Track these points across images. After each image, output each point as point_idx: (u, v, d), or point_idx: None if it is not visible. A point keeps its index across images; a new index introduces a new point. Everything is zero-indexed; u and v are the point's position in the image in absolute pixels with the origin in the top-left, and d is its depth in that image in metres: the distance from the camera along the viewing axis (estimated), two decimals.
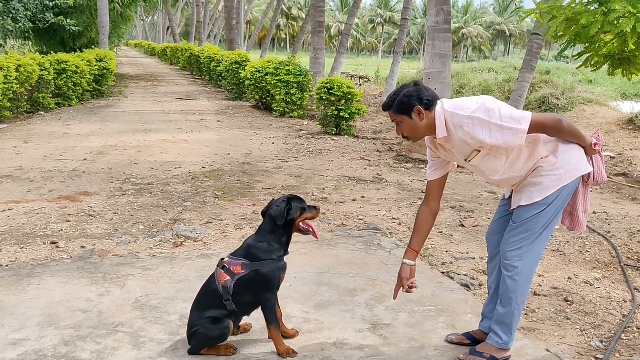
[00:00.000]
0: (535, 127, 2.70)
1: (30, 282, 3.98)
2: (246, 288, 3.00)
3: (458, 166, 3.26)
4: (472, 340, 3.30)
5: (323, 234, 5.24)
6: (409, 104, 2.84)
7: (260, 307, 3.08)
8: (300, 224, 3.11)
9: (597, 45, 8.54)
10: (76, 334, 3.29)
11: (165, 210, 5.92)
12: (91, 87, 15.84)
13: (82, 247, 4.77)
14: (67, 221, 5.46)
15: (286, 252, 3.12)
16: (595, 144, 2.85)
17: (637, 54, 8.42)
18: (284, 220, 3.02)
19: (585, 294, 4.11)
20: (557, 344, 3.38)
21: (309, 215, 3.13)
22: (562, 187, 2.82)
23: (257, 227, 3.18)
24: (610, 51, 8.53)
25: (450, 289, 4.09)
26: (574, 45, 9.16)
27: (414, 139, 2.98)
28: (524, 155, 2.85)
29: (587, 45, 8.74)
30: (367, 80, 27.99)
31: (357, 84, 24.16)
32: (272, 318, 3.05)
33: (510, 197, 3.10)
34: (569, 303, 3.94)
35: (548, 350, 3.27)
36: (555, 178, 2.82)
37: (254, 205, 6.20)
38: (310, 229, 3.13)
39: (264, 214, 3.16)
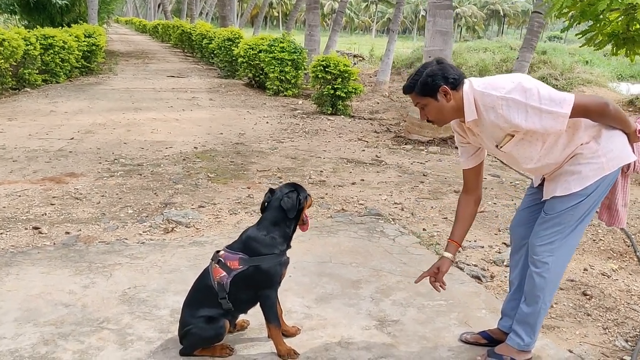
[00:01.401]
0: (578, 111, 2.39)
1: (8, 271, 3.68)
2: (244, 285, 2.72)
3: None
4: (489, 339, 3.05)
5: (322, 219, 4.96)
6: (434, 84, 2.53)
7: (256, 305, 2.81)
8: (303, 215, 2.86)
9: (602, 23, 8.28)
10: (57, 332, 3.00)
11: (155, 193, 5.61)
12: (79, 63, 15.35)
13: (67, 232, 4.47)
14: (51, 204, 5.14)
15: (289, 246, 2.83)
16: None
17: None
18: (296, 212, 2.75)
19: (603, 286, 3.87)
20: (579, 344, 3.14)
21: (309, 204, 2.90)
22: (603, 177, 2.54)
23: (259, 218, 2.88)
24: (614, 30, 8.26)
25: (460, 280, 3.83)
26: (579, 23, 8.91)
27: (440, 122, 2.68)
28: (562, 140, 2.55)
29: (591, 23, 8.49)
30: (361, 59, 27.56)
31: (352, 62, 23.76)
32: (273, 316, 2.78)
33: (540, 185, 2.82)
34: (587, 297, 3.70)
35: (571, 351, 3.03)
36: (596, 167, 2.53)
37: (249, 188, 5.91)
38: (307, 220, 2.90)
39: (262, 209, 2.87)
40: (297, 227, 2.87)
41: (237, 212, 5.10)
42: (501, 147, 2.59)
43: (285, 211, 2.74)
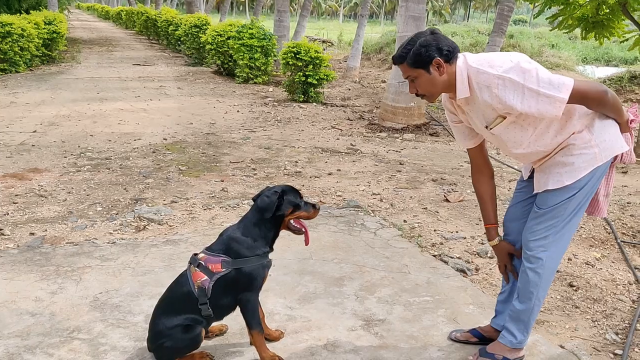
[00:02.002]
0: (575, 97, 2.28)
1: None
2: (226, 289, 2.56)
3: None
4: (480, 337, 2.95)
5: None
6: (427, 55, 2.38)
7: (234, 311, 2.65)
8: (292, 221, 2.66)
9: (571, 7, 8.30)
10: (23, 344, 2.80)
11: (125, 189, 5.38)
12: (40, 52, 14.80)
13: (31, 233, 4.22)
14: (14, 203, 4.88)
15: (271, 249, 2.68)
16: (632, 121, 2.47)
17: (611, 17, 8.20)
18: (271, 214, 2.57)
19: (588, 277, 3.81)
20: (570, 338, 3.07)
21: (303, 213, 2.66)
22: (596, 167, 2.44)
23: (241, 217, 2.72)
24: (584, 14, 8.29)
25: (445, 274, 3.73)
26: (550, 7, 8.91)
27: (431, 97, 2.53)
28: (554, 127, 2.43)
29: (561, 7, 8.51)
30: (330, 44, 27.29)
31: (322, 48, 23.50)
32: (254, 322, 2.62)
33: (530, 178, 2.72)
34: (574, 288, 3.63)
35: (562, 347, 2.95)
36: (588, 157, 2.43)
37: (223, 181, 5.71)
38: (303, 229, 2.69)
39: (254, 199, 2.70)
40: (286, 230, 2.70)
41: (211, 207, 4.91)
42: (491, 128, 2.48)
43: (263, 210, 2.58)
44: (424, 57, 2.39)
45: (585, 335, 3.11)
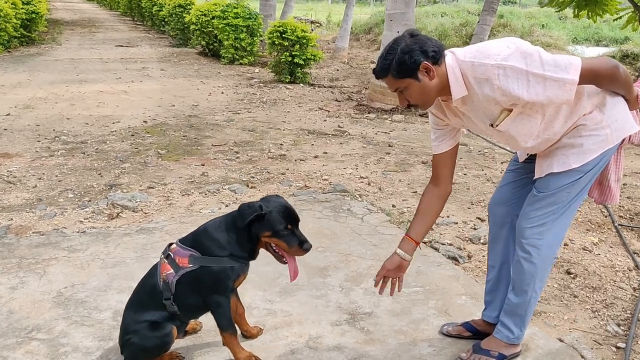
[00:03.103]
0: (586, 77, 2.02)
1: None
2: (191, 287, 2.32)
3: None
4: (473, 331, 2.74)
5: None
6: (412, 61, 2.09)
7: (207, 311, 2.42)
8: (273, 245, 2.36)
9: None
10: None
11: (99, 174, 5.11)
12: (18, 32, 14.30)
13: None
14: None
15: (251, 257, 2.41)
16: None
17: None
18: (242, 226, 2.29)
19: (586, 263, 3.61)
20: (569, 330, 2.87)
21: (282, 244, 2.31)
22: (606, 150, 2.21)
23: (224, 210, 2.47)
24: None
25: (436, 263, 3.52)
26: None
27: (425, 105, 2.25)
28: (564, 112, 2.18)
29: None
30: (318, 25, 26.88)
31: (310, 29, 23.12)
32: (225, 323, 2.39)
33: (526, 160, 2.49)
34: (572, 276, 3.43)
35: (561, 340, 2.75)
36: (599, 139, 2.20)
37: (203, 165, 5.46)
38: (285, 259, 2.36)
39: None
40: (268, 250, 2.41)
41: (190, 192, 4.66)
42: (497, 125, 2.20)
43: (238, 217, 2.32)
44: (409, 64, 2.10)
45: (585, 327, 2.91)
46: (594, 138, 2.19)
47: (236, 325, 2.50)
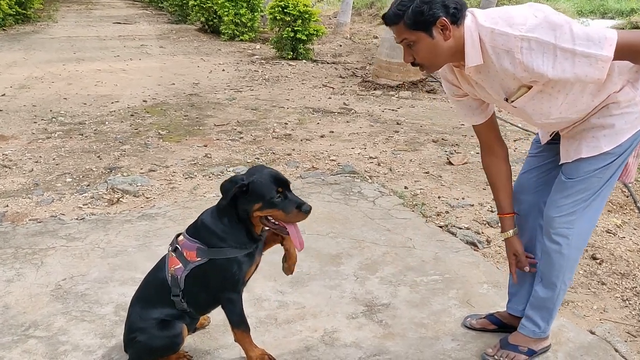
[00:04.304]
0: (622, 53, 1.78)
1: None
2: (201, 282, 2.15)
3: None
4: (498, 324, 2.57)
5: (291, 180, 4.36)
6: (430, 14, 1.87)
7: (218, 305, 2.25)
8: (268, 218, 2.11)
9: None
10: None
11: (98, 156, 4.91)
12: (14, 10, 14.00)
13: None
14: None
15: (255, 243, 2.19)
16: None
17: None
18: (225, 203, 2.07)
19: (612, 247, 3.43)
20: (599, 321, 2.70)
21: (277, 212, 2.06)
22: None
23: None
24: None
25: (454, 248, 3.34)
26: None
27: (432, 67, 2.03)
28: (589, 90, 1.95)
29: None
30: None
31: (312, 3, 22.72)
32: (237, 320, 2.21)
33: (550, 142, 2.28)
34: (598, 261, 3.26)
35: (592, 332, 2.58)
36: (632, 117, 1.98)
37: (206, 146, 5.26)
38: (285, 229, 2.11)
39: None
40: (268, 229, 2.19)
41: (193, 175, 4.47)
42: (512, 101, 1.99)
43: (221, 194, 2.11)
44: (427, 16, 1.87)
45: (616, 317, 2.75)
46: (627, 117, 1.98)
47: None
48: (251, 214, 2.07)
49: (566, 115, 2.03)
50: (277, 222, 2.11)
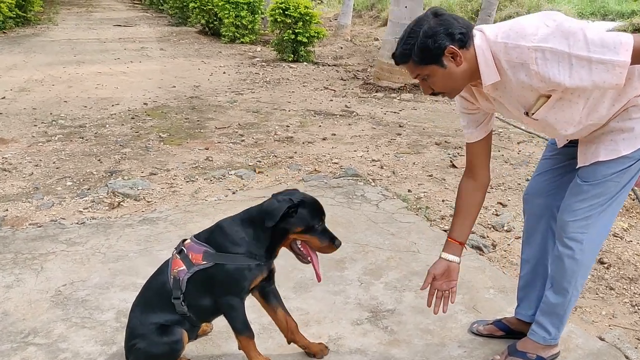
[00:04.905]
0: (639, 57, 1.74)
1: None
2: (204, 286, 2.11)
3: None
4: (506, 330, 2.53)
5: (293, 184, 4.34)
6: (437, 46, 1.84)
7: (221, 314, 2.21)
8: (298, 242, 2.14)
9: None
10: None
11: (99, 160, 4.87)
12: (14, 13, 13.96)
13: None
14: None
15: (268, 257, 2.17)
16: None
17: None
18: (273, 224, 2.06)
19: (619, 251, 3.39)
20: (608, 327, 2.66)
21: (314, 240, 2.11)
22: None
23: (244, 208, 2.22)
24: None
25: None
26: None
27: (452, 93, 2.00)
28: (610, 95, 1.92)
29: None
30: (319, 1, 26.43)
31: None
32: (241, 327, 2.17)
33: (569, 146, 2.24)
34: (605, 266, 3.22)
35: (602, 339, 2.53)
36: None
37: (207, 149, 5.22)
38: (309, 258, 2.15)
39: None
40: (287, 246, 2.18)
41: (194, 178, 4.43)
42: (533, 114, 1.94)
43: (265, 213, 2.09)
44: (433, 49, 1.85)
45: (626, 323, 2.70)
46: None
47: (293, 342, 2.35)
48: (288, 235, 2.08)
49: (589, 122, 1.98)
50: (302, 248, 2.14)
